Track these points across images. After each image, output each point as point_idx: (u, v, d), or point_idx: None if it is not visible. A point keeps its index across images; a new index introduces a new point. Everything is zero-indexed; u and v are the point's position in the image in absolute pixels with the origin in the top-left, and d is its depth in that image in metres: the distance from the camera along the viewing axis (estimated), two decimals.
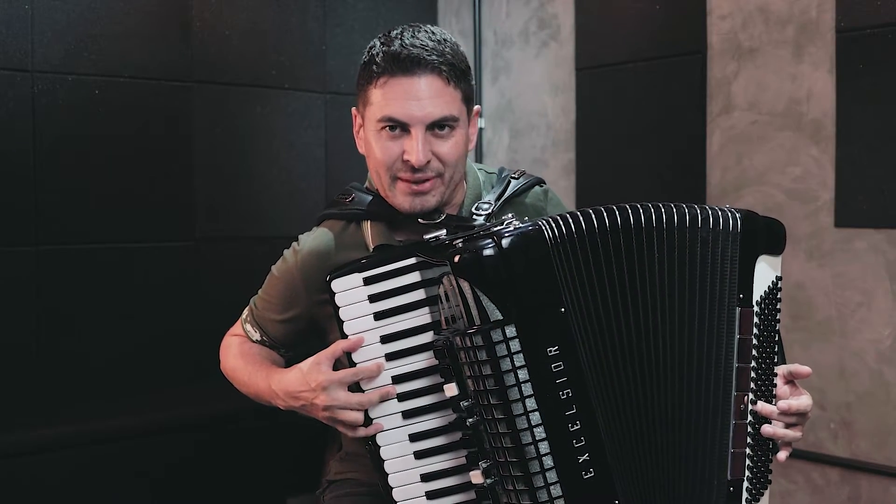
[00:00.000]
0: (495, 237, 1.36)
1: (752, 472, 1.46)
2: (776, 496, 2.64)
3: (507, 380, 1.33)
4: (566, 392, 1.35)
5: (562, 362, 1.35)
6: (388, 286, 1.48)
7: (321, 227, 1.75)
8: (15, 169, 2.59)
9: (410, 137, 1.55)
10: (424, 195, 1.59)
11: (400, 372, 1.48)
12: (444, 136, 1.57)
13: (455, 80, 1.57)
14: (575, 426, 1.35)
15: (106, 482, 2.74)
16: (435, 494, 1.46)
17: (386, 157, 1.58)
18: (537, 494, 1.34)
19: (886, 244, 2.40)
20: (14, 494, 2.59)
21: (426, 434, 1.47)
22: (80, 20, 2.68)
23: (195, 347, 2.91)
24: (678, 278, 1.41)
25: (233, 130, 3.00)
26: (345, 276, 1.49)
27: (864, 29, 2.43)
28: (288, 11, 3.10)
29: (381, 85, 1.57)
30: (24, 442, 2.62)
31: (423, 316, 1.47)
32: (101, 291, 2.73)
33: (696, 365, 1.42)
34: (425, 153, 1.55)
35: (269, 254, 3.09)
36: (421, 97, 1.54)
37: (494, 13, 3.40)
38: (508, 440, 1.35)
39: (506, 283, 1.34)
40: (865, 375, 2.46)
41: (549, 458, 1.34)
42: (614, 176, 3.00)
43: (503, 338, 1.33)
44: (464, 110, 1.62)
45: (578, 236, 1.38)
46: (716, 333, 1.43)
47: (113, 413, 2.76)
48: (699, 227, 1.42)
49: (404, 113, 1.54)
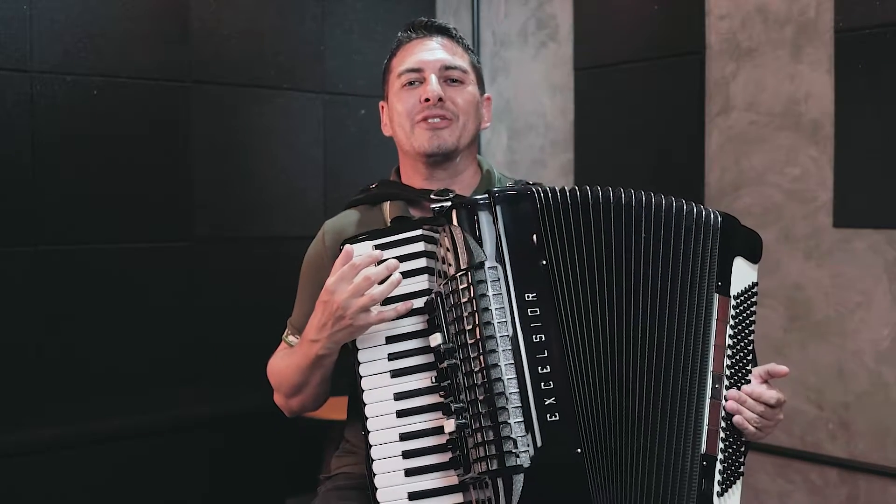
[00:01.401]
0: (490, 195, 1.48)
1: (724, 456, 1.50)
2: (775, 497, 2.65)
3: (485, 317, 1.40)
4: (539, 336, 1.42)
5: (538, 308, 1.43)
6: (394, 253, 1.55)
7: (347, 210, 1.86)
8: (14, 169, 2.60)
9: (426, 84, 1.73)
10: (440, 131, 1.72)
11: (393, 333, 1.54)
12: (456, 87, 1.75)
13: (463, 46, 1.81)
14: (545, 369, 1.41)
15: (105, 482, 2.74)
16: (410, 454, 1.51)
17: (406, 106, 1.74)
18: (501, 430, 1.39)
19: (885, 244, 2.41)
20: (14, 494, 2.59)
21: (410, 393, 1.52)
22: (79, 21, 2.68)
23: (195, 347, 2.92)
24: (662, 259, 1.49)
25: (231, 130, 3.00)
26: (358, 242, 1.58)
27: (863, 29, 2.43)
28: (286, 12, 3.10)
29: (400, 51, 1.79)
30: (24, 442, 2.62)
31: (422, 283, 1.55)
32: (100, 291, 2.74)
33: (675, 338, 1.48)
34: (440, 88, 1.71)
35: (268, 253, 3.12)
36: (435, 49, 1.76)
37: (493, 13, 3.40)
38: (480, 377, 1.41)
39: (494, 229, 1.45)
40: (864, 376, 2.46)
41: (516, 397, 1.40)
42: (613, 176, 2.99)
43: (485, 278, 1.42)
44: (472, 73, 1.79)
45: (571, 204, 1.49)
46: (695, 311, 1.50)
47: (113, 413, 2.76)
48: (684, 216, 1.52)
49: (419, 61, 1.74)
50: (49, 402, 2.65)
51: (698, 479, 1.47)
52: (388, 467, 1.51)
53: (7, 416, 2.58)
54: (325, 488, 1.82)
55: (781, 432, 2.62)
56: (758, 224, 2.63)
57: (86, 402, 2.71)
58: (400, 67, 1.76)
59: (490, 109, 1.86)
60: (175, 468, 2.86)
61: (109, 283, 2.75)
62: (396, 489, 1.50)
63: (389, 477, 1.51)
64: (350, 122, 3.23)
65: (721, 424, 1.49)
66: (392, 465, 1.51)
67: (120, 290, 2.77)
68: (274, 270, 3.01)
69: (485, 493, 1.42)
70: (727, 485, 1.50)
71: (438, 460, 1.50)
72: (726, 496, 1.50)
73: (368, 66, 3.18)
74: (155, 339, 2.84)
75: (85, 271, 2.71)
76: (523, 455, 1.39)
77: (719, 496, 1.48)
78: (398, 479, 1.50)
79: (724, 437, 1.49)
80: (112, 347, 2.75)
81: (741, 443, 1.53)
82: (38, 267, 2.63)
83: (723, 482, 1.49)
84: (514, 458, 1.38)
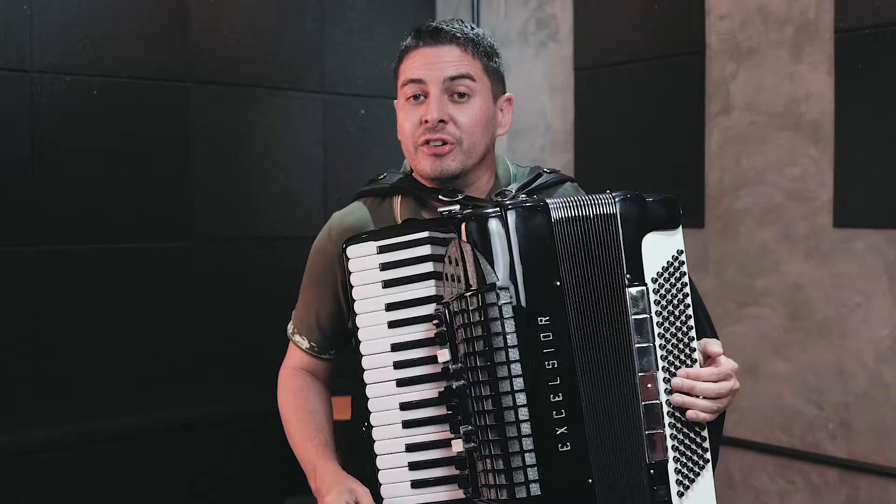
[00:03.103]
0: (502, 208, 1.42)
1: (679, 452, 1.46)
2: (775, 497, 2.65)
3: (496, 342, 1.37)
4: (552, 363, 1.39)
5: (551, 333, 1.39)
6: (399, 256, 1.52)
7: (355, 202, 1.79)
8: (14, 169, 2.60)
9: (428, 101, 1.63)
10: (443, 158, 1.63)
11: (399, 340, 1.51)
12: (462, 104, 1.64)
13: (474, 50, 1.65)
14: (557, 398, 1.39)
15: (105, 482, 2.74)
16: (417, 465, 1.48)
17: (409, 123, 1.65)
18: (511, 461, 1.37)
19: (885, 244, 2.40)
20: (14, 494, 2.59)
21: (416, 404, 1.50)
22: (79, 21, 2.68)
23: (194, 348, 2.92)
24: (598, 266, 1.46)
25: (231, 130, 3.00)
26: (360, 243, 1.54)
27: (863, 29, 2.43)
28: (286, 12, 3.10)
29: (407, 58, 1.67)
30: (24, 442, 2.62)
31: (429, 288, 1.51)
32: (100, 291, 2.74)
33: (606, 348, 1.45)
34: (440, 110, 1.61)
35: (268, 253, 3.12)
36: (437, 60, 1.63)
37: (493, 13, 3.40)
38: (490, 403, 1.38)
39: (506, 249, 1.40)
40: (864, 376, 2.46)
41: (527, 426, 1.37)
42: (613, 176, 2.99)
43: (497, 301, 1.38)
44: (485, 80, 1.67)
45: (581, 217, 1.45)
46: (614, 316, 1.45)
47: (112, 413, 2.76)
48: (592, 215, 1.47)
49: (421, 73, 1.63)
50: (49, 403, 2.65)
51: (648, 488, 1.43)
52: (393, 478, 1.49)
53: (7, 416, 2.58)
54: None
55: (781, 432, 2.62)
56: (758, 224, 2.64)
57: (86, 402, 2.71)
58: (404, 76, 1.66)
59: (510, 111, 1.76)
60: (175, 468, 2.86)
61: (109, 283, 2.75)
62: (403, 500, 1.48)
63: (395, 487, 1.49)
64: (350, 122, 3.23)
65: (667, 421, 1.45)
66: (398, 476, 1.49)
67: (120, 290, 2.77)
68: (274, 270, 3.01)
69: None
70: (690, 479, 1.46)
71: (445, 473, 1.48)
72: (691, 490, 1.46)
73: (368, 66, 3.18)
74: (154, 339, 2.83)
75: (85, 271, 2.71)
76: (534, 486, 1.37)
77: (681, 495, 1.45)
78: (405, 490, 1.48)
79: (672, 434, 1.45)
80: (111, 347, 2.75)
81: (700, 428, 1.48)
82: (38, 267, 2.63)
83: (683, 479, 1.46)
84: (525, 489, 1.36)
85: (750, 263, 2.67)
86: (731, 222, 2.70)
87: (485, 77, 1.67)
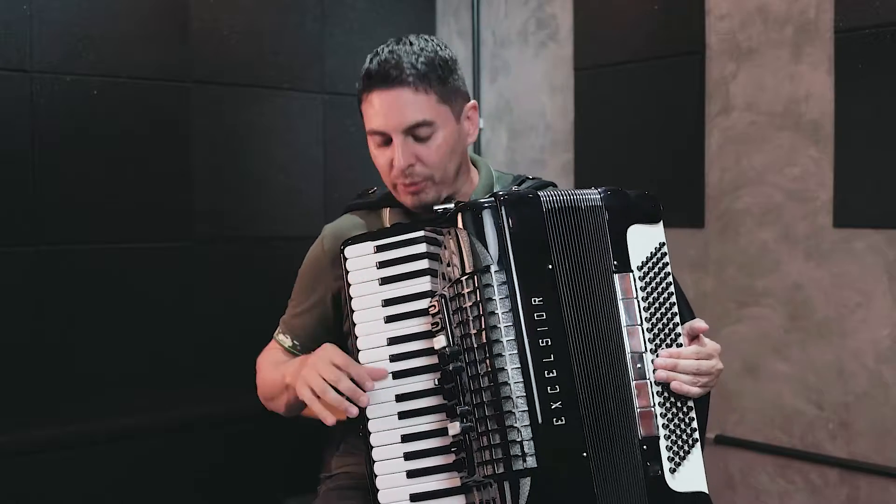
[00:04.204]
0: (496, 198, 1.50)
1: (669, 430, 1.51)
2: (775, 497, 2.65)
3: (491, 321, 1.43)
4: (546, 341, 1.45)
5: (544, 313, 1.46)
6: (396, 254, 1.57)
7: (346, 214, 1.84)
8: (13, 169, 2.59)
9: (393, 146, 1.65)
10: (419, 194, 1.68)
11: (395, 334, 1.55)
12: (425, 140, 1.65)
13: (425, 85, 1.63)
14: (550, 374, 1.44)
15: (105, 482, 2.74)
16: (413, 455, 1.51)
17: (381, 162, 1.69)
18: (508, 434, 1.41)
19: (885, 244, 2.41)
20: (14, 494, 2.59)
21: (412, 395, 1.53)
22: (79, 21, 2.68)
23: (194, 347, 2.92)
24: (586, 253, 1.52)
25: (231, 131, 3.00)
26: (358, 243, 1.59)
27: (863, 29, 2.43)
28: (286, 12, 3.10)
29: (365, 100, 1.69)
30: (24, 442, 2.62)
31: (424, 284, 1.55)
32: (99, 291, 2.74)
33: (597, 328, 1.51)
34: (406, 158, 1.64)
35: (268, 254, 3.12)
36: (392, 107, 1.64)
37: (493, 13, 3.40)
38: (486, 380, 1.43)
39: (500, 233, 1.47)
40: (864, 376, 2.46)
41: (522, 401, 1.42)
42: (613, 176, 2.99)
43: (492, 282, 1.44)
44: (443, 110, 1.65)
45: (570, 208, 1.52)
46: (604, 298, 1.52)
47: (112, 413, 2.76)
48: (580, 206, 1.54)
49: (380, 124, 1.65)
50: (49, 403, 2.65)
51: (641, 463, 1.48)
52: (389, 468, 1.51)
53: (7, 416, 2.58)
54: (325, 487, 1.83)
55: (781, 432, 2.62)
56: (758, 224, 2.64)
57: (86, 402, 2.71)
58: (367, 124, 1.68)
59: (476, 118, 1.73)
60: (175, 468, 2.86)
61: (109, 283, 2.75)
62: (398, 490, 1.51)
63: (391, 478, 1.51)
64: (350, 122, 3.23)
65: (657, 400, 1.50)
66: (394, 467, 1.51)
67: (120, 290, 2.77)
68: (273, 270, 3.00)
69: (489, 494, 1.43)
70: (681, 456, 1.51)
71: (441, 462, 1.51)
72: (682, 467, 1.51)
73: None
74: (154, 339, 2.83)
75: (85, 271, 2.71)
76: (530, 459, 1.41)
77: (673, 472, 1.49)
78: (400, 480, 1.51)
79: (662, 413, 1.51)
80: (112, 347, 2.75)
81: (687, 408, 1.53)
82: (38, 267, 2.63)
83: (674, 457, 1.50)
84: (521, 461, 1.41)
85: (750, 263, 2.67)
86: (731, 222, 2.71)
87: (443, 107, 1.65)
